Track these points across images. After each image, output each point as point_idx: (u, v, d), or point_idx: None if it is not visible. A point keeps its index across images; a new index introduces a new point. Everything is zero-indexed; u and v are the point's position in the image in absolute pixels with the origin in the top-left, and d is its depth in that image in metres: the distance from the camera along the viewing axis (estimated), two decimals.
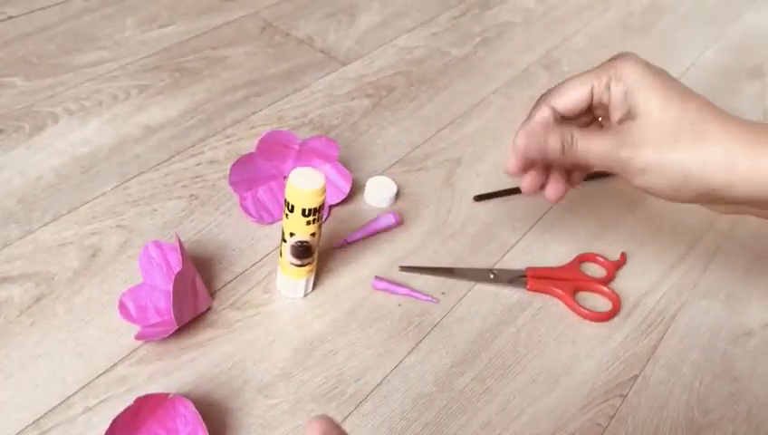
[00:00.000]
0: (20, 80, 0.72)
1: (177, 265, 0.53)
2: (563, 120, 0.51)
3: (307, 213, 0.51)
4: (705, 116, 0.45)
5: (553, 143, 0.48)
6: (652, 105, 0.46)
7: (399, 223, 0.63)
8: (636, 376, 0.56)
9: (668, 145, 0.45)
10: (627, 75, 0.47)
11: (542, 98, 0.51)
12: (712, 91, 0.90)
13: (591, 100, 0.50)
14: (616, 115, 0.48)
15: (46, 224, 0.59)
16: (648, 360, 0.57)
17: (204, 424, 0.45)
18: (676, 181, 0.45)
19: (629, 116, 0.47)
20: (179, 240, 0.52)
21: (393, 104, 0.79)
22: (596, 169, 0.50)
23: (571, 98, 0.50)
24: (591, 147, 0.47)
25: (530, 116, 0.51)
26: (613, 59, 0.49)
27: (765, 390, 0.56)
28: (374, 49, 0.87)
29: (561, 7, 1.03)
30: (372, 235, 0.62)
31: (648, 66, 0.47)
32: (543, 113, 0.50)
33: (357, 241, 0.62)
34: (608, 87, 0.48)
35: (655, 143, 0.45)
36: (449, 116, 0.78)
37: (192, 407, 0.45)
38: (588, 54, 0.93)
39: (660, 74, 0.47)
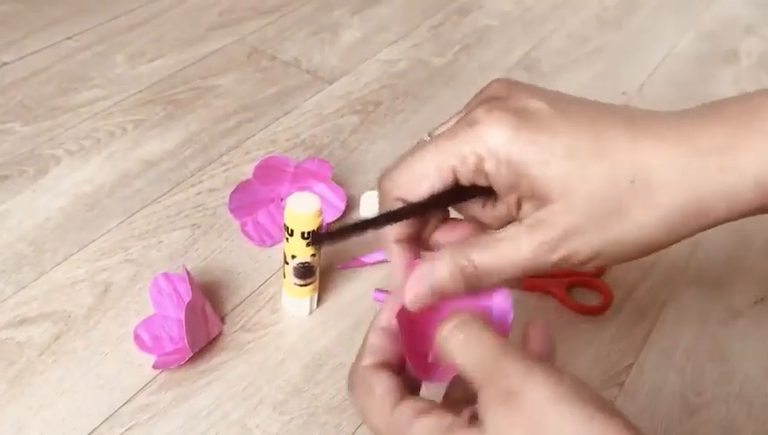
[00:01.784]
0: (19, 125, 0.75)
1: (186, 294, 0.56)
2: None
3: (306, 235, 0.54)
4: (631, 146, 0.33)
5: (445, 278, 0.35)
6: (558, 176, 0.33)
7: None
8: (631, 364, 0.58)
9: (612, 216, 0.33)
10: (499, 147, 0.33)
11: (385, 187, 0.37)
12: (689, 80, 0.92)
13: (456, 183, 0.35)
14: (511, 199, 0.35)
15: (58, 264, 0.62)
16: (642, 347, 0.60)
17: None
18: (647, 242, 0.34)
19: (533, 196, 0.34)
20: (187, 271, 0.55)
21: (381, 118, 0.81)
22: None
23: (425, 189, 0.35)
24: (504, 264, 0.34)
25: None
26: (471, 118, 0.34)
27: (755, 368, 0.59)
28: (358, 65, 0.90)
29: (536, 7, 1.06)
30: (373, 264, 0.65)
31: (520, 117, 0.33)
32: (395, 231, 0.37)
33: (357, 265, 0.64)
34: (480, 169, 0.34)
35: (593, 223, 0.33)
36: (435, 126, 0.81)
37: None
38: (566, 53, 0.96)
39: (539, 119, 0.34)
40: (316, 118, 0.80)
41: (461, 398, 0.35)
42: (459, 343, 0.32)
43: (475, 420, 0.31)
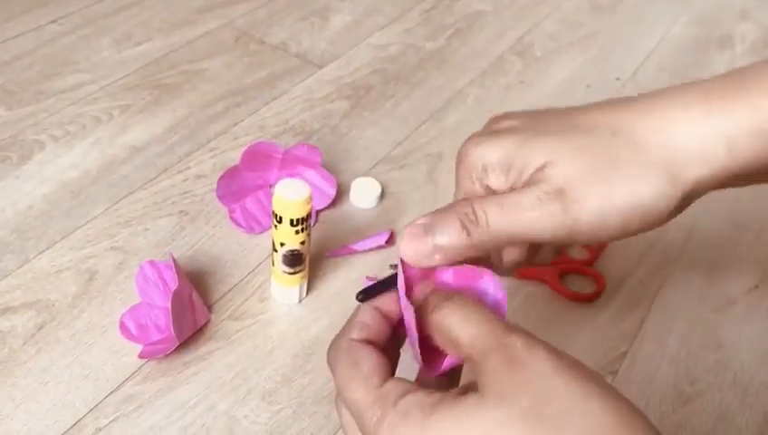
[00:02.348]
0: (2, 110, 0.73)
1: (172, 282, 0.55)
2: None
3: (295, 223, 0.53)
4: (615, 117, 0.35)
5: (449, 230, 0.34)
6: (540, 147, 0.35)
7: (392, 242, 0.64)
8: (625, 353, 0.58)
9: (605, 167, 0.34)
10: (486, 161, 0.36)
11: None
12: (683, 65, 0.91)
13: None
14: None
15: (42, 252, 0.60)
16: (636, 336, 0.59)
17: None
18: (647, 199, 0.34)
19: (528, 175, 0.35)
20: (173, 259, 0.54)
21: (371, 104, 0.80)
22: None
23: None
24: (510, 216, 0.34)
25: None
26: (458, 159, 0.38)
27: (750, 355, 0.58)
28: (349, 49, 0.88)
29: None
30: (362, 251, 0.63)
31: (492, 133, 0.37)
32: None
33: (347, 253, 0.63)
34: (482, 184, 0.37)
35: (589, 175, 0.34)
36: (427, 111, 0.80)
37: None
38: (559, 38, 0.95)
39: (511, 130, 0.36)
40: (306, 103, 0.79)
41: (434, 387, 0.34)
42: (459, 319, 0.31)
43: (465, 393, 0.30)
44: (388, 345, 0.35)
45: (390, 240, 0.64)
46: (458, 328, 0.31)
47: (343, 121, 0.77)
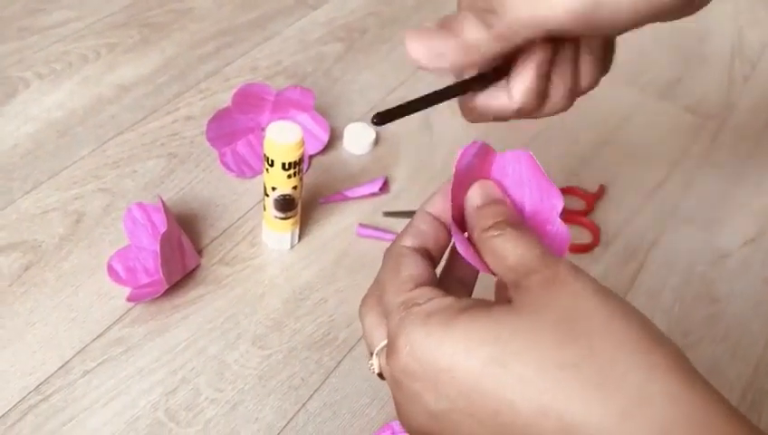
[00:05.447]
0: None
1: (161, 225, 0.54)
2: None
3: (287, 166, 0.51)
4: None
5: (466, 22, 0.32)
6: None
7: (385, 189, 0.63)
8: None
9: None
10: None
11: None
12: None
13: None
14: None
15: (27, 192, 0.59)
16: (630, 288, 0.59)
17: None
18: None
19: None
20: (162, 201, 0.53)
21: (366, 47, 0.78)
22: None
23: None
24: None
25: None
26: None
27: (742, 309, 0.58)
28: None
29: None
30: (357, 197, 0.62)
31: None
32: None
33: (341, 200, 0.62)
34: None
35: None
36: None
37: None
38: None
39: None
40: (299, 44, 0.77)
41: None
42: (514, 241, 0.30)
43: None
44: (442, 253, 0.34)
45: (384, 187, 0.63)
46: (509, 248, 0.30)
47: (337, 65, 0.75)
